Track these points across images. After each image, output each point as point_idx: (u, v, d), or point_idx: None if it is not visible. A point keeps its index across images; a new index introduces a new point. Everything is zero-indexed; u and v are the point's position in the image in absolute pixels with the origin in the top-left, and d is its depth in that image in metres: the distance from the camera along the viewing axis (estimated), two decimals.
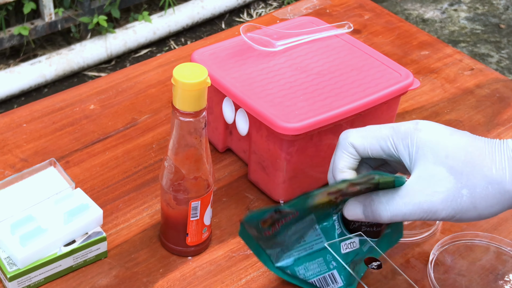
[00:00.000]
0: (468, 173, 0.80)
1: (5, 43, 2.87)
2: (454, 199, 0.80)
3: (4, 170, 1.11)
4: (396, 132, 0.84)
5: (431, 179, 0.81)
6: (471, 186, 0.80)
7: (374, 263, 0.94)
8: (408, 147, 0.83)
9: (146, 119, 1.23)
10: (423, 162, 0.81)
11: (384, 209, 0.82)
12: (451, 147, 0.81)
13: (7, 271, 0.91)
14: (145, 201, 1.08)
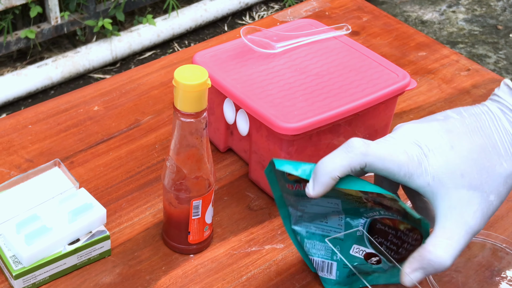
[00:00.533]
0: (486, 181, 0.78)
1: (12, 46, 2.87)
2: (487, 209, 0.79)
3: (10, 170, 1.11)
4: (411, 160, 0.79)
5: (460, 204, 0.78)
6: (495, 190, 0.79)
7: (374, 258, 0.94)
8: (423, 175, 0.78)
9: (149, 120, 1.23)
10: (444, 190, 0.78)
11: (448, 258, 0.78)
12: (461, 163, 0.78)
13: (13, 270, 0.91)
14: (148, 201, 1.08)
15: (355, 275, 0.94)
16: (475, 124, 0.80)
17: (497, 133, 0.80)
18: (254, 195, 1.09)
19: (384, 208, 0.87)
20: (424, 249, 0.78)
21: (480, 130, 0.80)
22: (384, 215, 0.89)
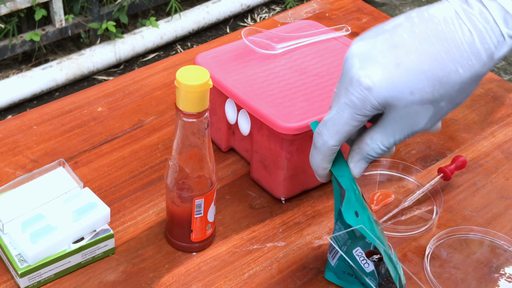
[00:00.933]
0: (439, 92, 0.74)
1: (18, 49, 2.88)
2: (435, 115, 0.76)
3: (15, 170, 1.11)
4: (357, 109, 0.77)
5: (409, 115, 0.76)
6: (447, 97, 0.75)
7: (375, 256, 0.93)
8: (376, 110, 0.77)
9: (152, 120, 1.23)
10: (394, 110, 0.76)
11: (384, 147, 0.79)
12: (408, 81, 0.74)
13: (18, 268, 0.91)
14: (151, 200, 1.08)
15: (349, 275, 0.94)
16: (427, 30, 0.74)
17: (452, 37, 0.73)
18: (255, 194, 1.09)
19: None
20: (363, 142, 0.80)
21: (432, 36, 0.73)
22: None
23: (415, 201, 1.09)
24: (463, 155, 1.14)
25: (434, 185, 1.10)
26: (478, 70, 0.73)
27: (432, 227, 1.05)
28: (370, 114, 0.77)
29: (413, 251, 1.02)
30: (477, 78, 0.74)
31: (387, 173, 1.14)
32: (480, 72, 0.74)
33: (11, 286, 0.94)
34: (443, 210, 1.08)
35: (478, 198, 1.11)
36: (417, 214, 1.08)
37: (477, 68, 0.73)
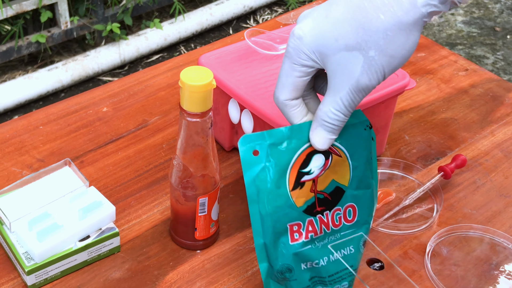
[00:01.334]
0: (363, 38, 0.76)
1: (24, 50, 2.88)
2: (369, 65, 0.77)
3: (22, 170, 1.12)
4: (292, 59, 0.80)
5: (341, 66, 0.78)
6: (374, 45, 0.76)
7: (377, 264, 0.93)
8: (310, 59, 0.79)
9: (156, 120, 1.23)
10: (326, 58, 0.78)
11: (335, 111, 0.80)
12: (334, 29, 0.77)
13: (25, 265, 0.91)
14: (156, 198, 1.08)
15: None
16: None
17: None
18: None
19: None
20: (318, 109, 0.81)
21: None
22: None
23: (416, 199, 1.09)
24: (463, 154, 1.15)
25: (434, 184, 1.10)
26: (401, 17, 0.74)
27: (432, 225, 1.06)
28: (306, 63, 0.80)
29: (414, 248, 1.02)
30: (403, 26, 0.75)
31: (388, 171, 1.14)
32: (405, 19, 0.75)
33: (19, 283, 0.94)
34: (443, 208, 1.08)
35: (478, 196, 1.11)
36: (418, 212, 1.08)
37: (400, 15, 0.74)
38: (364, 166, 0.89)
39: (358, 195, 0.90)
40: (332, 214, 0.88)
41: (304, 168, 0.85)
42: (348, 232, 0.90)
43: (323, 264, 0.89)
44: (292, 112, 0.84)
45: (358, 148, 0.88)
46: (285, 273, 0.87)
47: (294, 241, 0.86)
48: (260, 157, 0.83)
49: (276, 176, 0.84)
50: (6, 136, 1.18)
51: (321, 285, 0.90)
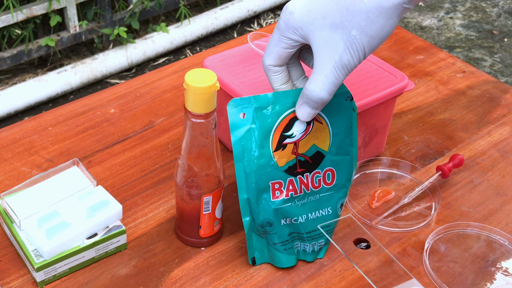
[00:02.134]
0: (347, 18, 0.81)
1: (34, 54, 2.88)
2: (352, 44, 0.82)
3: (31, 169, 1.12)
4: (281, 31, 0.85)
5: (326, 43, 0.83)
6: (356, 25, 0.81)
7: (363, 244, 0.96)
8: (297, 33, 0.84)
9: (162, 121, 1.24)
10: (311, 34, 0.83)
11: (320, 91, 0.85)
12: (321, 7, 0.82)
13: (35, 262, 0.92)
14: (162, 197, 1.08)
15: None
16: None
17: None
18: None
19: None
20: (305, 88, 0.86)
21: None
22: None
23: (415, 198, 1.09)
24: (461, 154, 1.15)
25: (432, 183, 1.10)
26: (382, 2, 0.80)
27: (431, 223, 1.06)
28: (293, 37, 0.85)
29: (413, 245, 1.02)
30: (384, 10, 0.80)
31: (387, 171, 1.14)
32: (385, 4, 0.80)
33: (28, 280, 0.95)
34: (441, 206, 1.08)
35: (475, 195, 1.11)
36: (417, 210, 1.08)
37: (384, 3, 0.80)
38: (343, 134, 0.94)
39: (337, 160, 0.94)
40: (312, 176, 0.93)
41: (287, 132, 0.91)
42: (326, 194, 0.95)
43: (301, 221, 0.95)
44: (274, 76, 0.90)
45: (338, 116, 0.93)
46: (265, 227, 0.94)
47: (275, 198, 0.92)
48: (247, 119, 0.89)
49: (260, 137, 0.90)
50: (16, 137, 1.18)
51: (299, 240, 0.97)
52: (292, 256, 0.97)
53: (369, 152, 1.14)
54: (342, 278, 0.97)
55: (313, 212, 0.95)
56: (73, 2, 2.87)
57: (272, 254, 0.97)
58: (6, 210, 0.97)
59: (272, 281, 0.96)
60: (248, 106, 0.90)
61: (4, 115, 2.75)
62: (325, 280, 0.96)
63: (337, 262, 0.99)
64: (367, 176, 1.13)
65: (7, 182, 1.09)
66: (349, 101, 0.93)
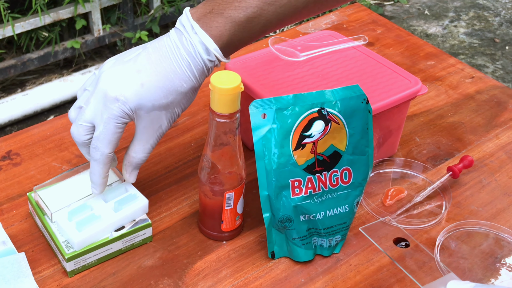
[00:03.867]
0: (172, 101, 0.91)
1: (60, 55, 2.89)
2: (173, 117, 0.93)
3: (62, 165, 1.12)
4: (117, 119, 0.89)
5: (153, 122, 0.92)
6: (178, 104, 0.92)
7: (402, 243, 0.97)
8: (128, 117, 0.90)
9: (185, 121, 1.23)
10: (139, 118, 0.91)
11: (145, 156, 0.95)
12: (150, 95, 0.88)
13: (65, 253, 0.91)
14: (185, 193, 1.08)
15: None
16: (158, 57, 0.89)
17: (175, 61, 0.89)
18: None
19: None
20: (129, 156, 0.95)
21: (163, 61, 0.89)
22: None
23: (426, 197, 1.08)
24: (470, 155, 1.14)
25: (443, 182, 1.10)
26: (194, 83, 0.91)
27: (441, 221, 1.05)
28: (127, 121, 0.90)
29: (424, 242, 1.01)
30: (195, 89, 0.92)
31: (400, 171, 1.14)
32: (197, 85, 0.92)
33: (58, 269, 0.94)
34: (451, 205, 1.08)
35: (484, 195, 1.10)
36: (428, 209, 1.07)
37: (195, 83, 0.91)
38: (359, 135, 0.93)
39: (353, 160, 0.94)
40: (330, 175, 0.93)
41: (306, 132, 0.90)
42: (344, 192, 0.95)
43: (319, 217, 0.94)
44: (108, 165, 0.93)
45: (354, 118, 0.92)
46: (285, 223, 0.93)
47: (295, 195, 0.92)
48: (268, 119, 0.89)
49: (281, 137, 0.90)
50: (47, 134, 1.18)
51: (317, 235, 0.97)
52: (309, 250, 0.97)
53: (383, 153, 1.14)
54: (357, 272, 0.96)
55: (331, 209, 0.94)
56: (97, 7, 2.88)
57: (291, 248, 0.96)
58: (38, 203, 0.97)
59: (290, 274, 0.96)
60: (269, 107, 0.89)
61: (31, 112, 2.75)
62: (340, 274, 0.96)
63: (353, 257, 0.98)
64: (381, 176, 1.13)
65: (38, 176, 1.09)
66: (365, 103, 0.92)
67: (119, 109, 0.88)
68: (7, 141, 1.16)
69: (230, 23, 0.88)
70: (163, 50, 0.90)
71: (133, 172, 0.97)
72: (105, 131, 0.89)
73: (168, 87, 0.89)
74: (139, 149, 0.93)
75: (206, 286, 0.93)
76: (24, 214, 1.02)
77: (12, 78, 2.96)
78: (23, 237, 0.99)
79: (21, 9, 2.84)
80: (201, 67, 0.90)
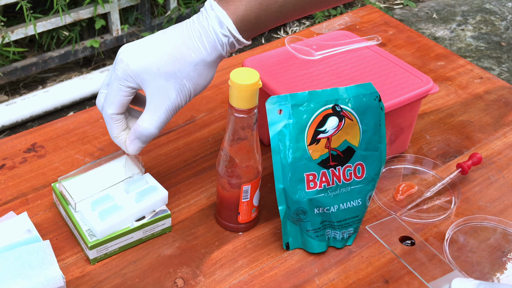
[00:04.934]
0: (179, 69, 0.88)
1: (79, 54, 2.90)
2: (181, 90, 0.89)
3: (84, 157, 1.12)
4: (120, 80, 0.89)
5: (160, 89, 0.89)
6: (186, 75, 0.89)
7: (408, 241, 0.96)
8: (135, 82, 0.89)
9: (203, 116, 1.24)
10: (146, 82, 0.88)
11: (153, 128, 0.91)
12: (156, 60, 0.88)
13: (88, 241, 0.92)
14: (203, 185, 1.08)
15: None
16: (172, 31, 0.90)
17: (187, 33, 0.89)
18: None
19: None
20: (136, 124, 0.91)
21: (175, 33, 0.89)
22: None
23: (436, 192, 1.08)
24: (479, 153, 1.14)
25: (452, 179, 1.10)
26: (205, 57, 0.89)
27: (450, 215, 1.05)
28: (131, 85, 0.90)
29: (434, 236, 1.01)
30: (207, 63, 0.90)
31: (411, 167, 1.14)
32: (208, 58, 0.89)
33: (81, 257, 0.95)
34: (460, 200, 1.08)
35: (492, 191, 1.10)
36: (438, 204, 1.07)
37: (205, 55, 0.89)
38: (372, 131, 0.94)
39: (366, 155, 0.94)
40: (344, 169, 0.94)
41: (321, 127, 0.91)
42: (357, 187, 0.95)
43: (333, 211, 0.95)
44: (115, 124, 0.93)
45: (367, 114, 0.93)
46: (300, 215, 0.94)
47: (309, 189, 0.92)
48: (284, 115, 0.90)
49: (296, 132, 0.90)
50: (70, 128, 1.19)
51: (330, 228, 0.97)
52: (323, 242, 0.97)
53: (394, 149, 1.14)
54: (369, 264, 0.97)
55: (344, 203, 0.95)
56: (116, 8, 2.88)
57: (305, 240, 0.97)
58: (62, 193, 0.98)
59: (304, 265, 0.96)
60: (285, 103, 0.90)
61: (51, 109, 2.76)
62: (353, 265, 0.96)
63: (364, 249, 0.99)
64: (392, 171, 1.13)
65: (62, 168, 1.10)
66: (377, 101, 0.93)
67: (122, 69, 0.88)
68: (32, 134, 1.17)
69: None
70: (179, 26, 0.91)
71: (134, 142, 0.93)
72: (109, 91, 0.91)
73: (175, 55, 0.88)
74: (145, 118, 0.91)
75: (223, 275, 0.94)
76: (49, 204, 1.03)
77: (34, 76, 2.97)
78: (47, 225, 1.00)
79: (43, 9, 2.85)
80: (212, 39, 0.89)
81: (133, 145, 0.93)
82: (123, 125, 0.94)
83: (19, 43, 2.90)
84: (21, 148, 1.14)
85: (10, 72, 2.73)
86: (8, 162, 1.11)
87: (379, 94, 0.93)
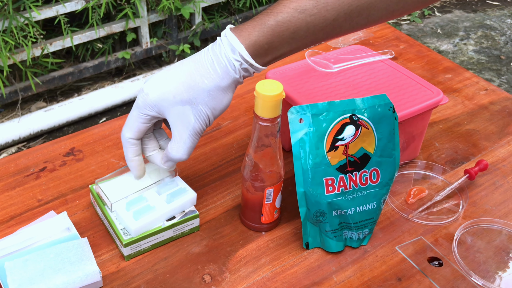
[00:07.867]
0: (193, 95, 0.87)
1: (112, 65, 2.90)
2: (199, 115, 0.89)
3: (119, 161, 1.12)
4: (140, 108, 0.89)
5: (179, 116, 0.88)
6: (201, 101, 0.88)
7: (436, 262, 0.96)
8: (153, 110, 0.89)
9: (228, 124, 1.23)
10: (166, 110, 0.88)
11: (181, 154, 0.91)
12: (172, 88, 0.87)
13: (123, 239, 0.92)
14: (228, 188, 1.08)
15: None
16: (188, 61, 0.89)
17: (201, 61, 0.88)
18: None
19: None
20: (166, 150, 0.92)
21: (191, 63, 0.89)
22: None
23: (445, 196, 1.07)
24: (485, 160, 1.12)
25: (460, 184, 1.08)
26: (218, 82, 0.88)
27: (458, 218, 1.04)
28: (150, 114, 0.90)
29: (443, 237, 1.00)
30: (221, 88, 0.88)
31: (422, 172, 1.13)
32: (222, 83, 0.88)
33: (116, 254, 0.95)
34: (468, 204, 1.07)
35: (497, 195, 1.09)
36: (447, 207, 1.06)
37: (218, 80, 0.88)
38: (387, 139, 0.93)
39: (381, 161, 0.94)
40: (360, 174, 0.93)
41: (339, 135, 0.90)
42: (373, 191, 0.94)
43: (350, 213, 0.94)
44: (131, 148, 0.93)
45: (382, 124, 0.92)
46: (319, 217, 0.93)
47: (328, 193, 0.92)
48: (304, 124, 0.89)
49: (316, 139, 0.90)
50: (106, 133, 1.19)
51: (347, 229, 0.96)
52: (340, 242, 0.96)
53: (406, 156, 1.13)
54: (383, 262, 0.96)
55: (361, 205, 0.94)
56: (146, 22, 2.89)
57: (323, 240, 0.96)
58: (99, 194, 0.98)
59: (322, 263, 0.95)
60: (306, 113, 0.89)
61: (86, 115, 2.77)
62: (368, 264, 0.95)
63: (379, 249, 0.98)
64: (404, 176, 1.12)
65: (98, 171, 1.10)
66: (392, 111, 0.92)
67: (143, 99, 0.88)
68: (71, 139, 1.17)
69: (259, 25, 0.87)
70: (194, 55, 0.90)
71: (167, 163, 0.95)
72: (129, 117, 0.91)
73: (189, 82, 0.87)
74: (173, 146, 0.91)
75: (247, 272, 0.93)
76: (86, 204, 1.03)
77: (70, 84, 2.98)
78: (85, 224, 0.99)
79: (79, 23, 2.86)
80: (224, 65, 0.87)
81: (167, 165, 0.95)
82: (138, 150, 0.94)
83: (57, 54, 2.91)
84: (61, 152, 1.14)
85: (48, 81, 2.74)
86: (49, 165, 1.11)
87: (393, 104, 0.92)
